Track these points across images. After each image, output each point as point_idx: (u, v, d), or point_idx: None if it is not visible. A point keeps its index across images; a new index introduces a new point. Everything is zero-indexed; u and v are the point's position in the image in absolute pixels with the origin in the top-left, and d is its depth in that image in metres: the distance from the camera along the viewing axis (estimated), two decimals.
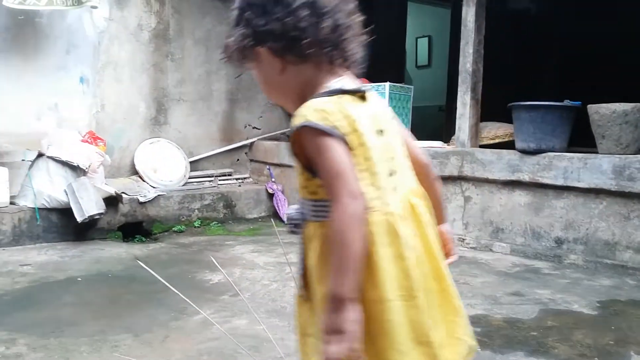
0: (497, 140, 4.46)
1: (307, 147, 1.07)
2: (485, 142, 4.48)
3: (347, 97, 1.10)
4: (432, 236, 1.16)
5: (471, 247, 4.19)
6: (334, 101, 1.08)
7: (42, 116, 4.82)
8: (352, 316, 1.00)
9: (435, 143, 4.64)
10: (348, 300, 1.00)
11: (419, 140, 4.89)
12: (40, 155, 4.29)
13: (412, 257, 1.08)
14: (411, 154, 1.25)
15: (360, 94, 1.13)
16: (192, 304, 2.28)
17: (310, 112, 1.06)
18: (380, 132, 1.13)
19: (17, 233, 4.11)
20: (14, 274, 3.38)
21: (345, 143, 1.05)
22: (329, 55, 1.12)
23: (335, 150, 1.04)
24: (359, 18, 1.16)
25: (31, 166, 4.30)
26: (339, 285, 1.01)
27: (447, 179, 4.38)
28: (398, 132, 1.21)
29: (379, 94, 5.01)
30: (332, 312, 1.01)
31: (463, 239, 4.27)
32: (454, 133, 4.50)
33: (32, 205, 4.17)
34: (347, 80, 1.14)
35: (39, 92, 4.79)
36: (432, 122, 6.90)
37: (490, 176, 4.08)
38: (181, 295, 2.26)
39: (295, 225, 1.17)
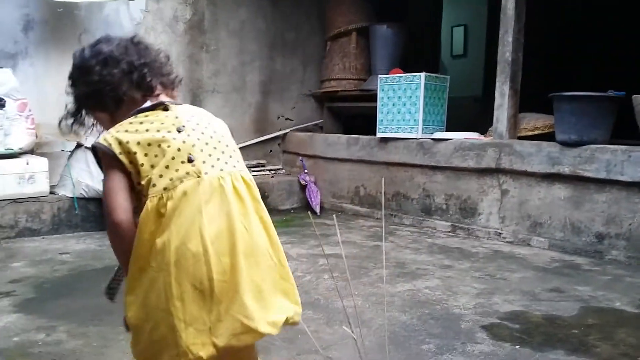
0: (536, 132, 4.33)
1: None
2: (523, 133, 4.36)
3: (144, 113, 1.35)
4: (239, 213, 1.30)
5: (508, 242, 4.11)
6: (127, 122, 1.33)
7: None
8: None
9: (471, 134, 4.55)
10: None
11: (454, 131, 4.77)
12: (79, 145, 4.37)
13: (184, 232, 1.25)
14: None
15: (161, 107, 1.39)
16: None
17: (100, 138, 1.32)
18: (182, 128, 1.35)
19: (56, 222, 4.21)
20: (54, 262, 3.46)
21: (117, 159, 1.27)
22: (137, 91, 1.38)
23: (108, 170, 1.30)
24: (156, 52, 1.50)
25: (70, 156, 4.39)
26: (122, 265, 1.42)
27: (483, 172, 4.29)
28: (214, 128, 1.42)
29: (416, 84, 4.82)
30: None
31: (499, 233, 4.19)
32: (491, 124, 4.40)
33: (70, 195, 4.26)
34: (150, 101, 1.40)
35: None
36: (468, 113, 6.78)
37: (529, 169, 3.98)
38: None
39: None
